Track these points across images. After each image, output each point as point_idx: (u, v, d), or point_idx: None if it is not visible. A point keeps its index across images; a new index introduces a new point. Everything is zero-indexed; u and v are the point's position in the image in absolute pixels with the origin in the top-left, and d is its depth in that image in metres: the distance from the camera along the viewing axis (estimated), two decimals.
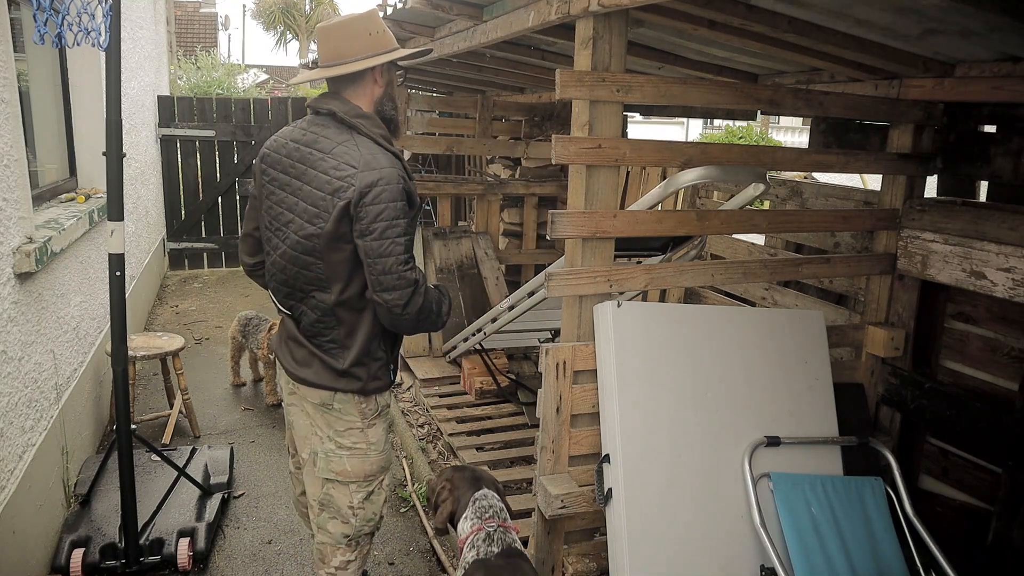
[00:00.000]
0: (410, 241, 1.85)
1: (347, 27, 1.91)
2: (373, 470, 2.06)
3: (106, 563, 2.65)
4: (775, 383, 2.29)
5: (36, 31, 2.26)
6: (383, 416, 2.08)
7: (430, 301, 1.90)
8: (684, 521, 2.07)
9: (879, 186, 2.68)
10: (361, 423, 2.02)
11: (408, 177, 1.88)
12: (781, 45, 2.30)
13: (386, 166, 1.82)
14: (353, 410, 2.00)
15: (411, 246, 1.86)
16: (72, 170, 4.26)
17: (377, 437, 2.06)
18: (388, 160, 1.85)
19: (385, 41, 1.94)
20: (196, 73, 12.30)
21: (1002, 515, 2.27)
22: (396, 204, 1.80)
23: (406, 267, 1.81)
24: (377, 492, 2.11)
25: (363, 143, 1.86)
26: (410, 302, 1.83)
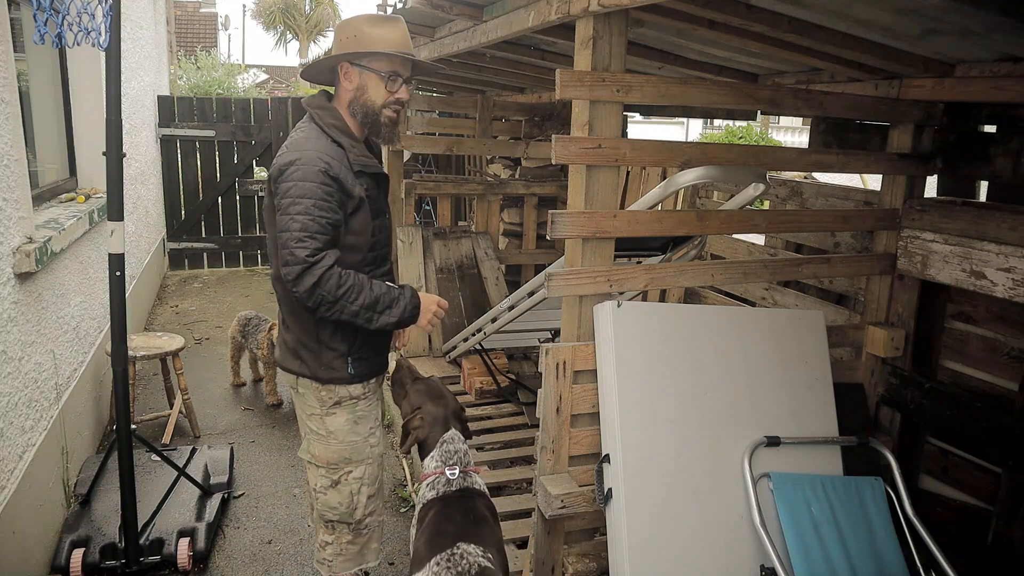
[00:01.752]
0: (315, 221, 1.86)
1: (336, 29, 2.04)
2: (335, 459, 2.12)
3: (106, 563, 2.65)
4: (775, 383, 2.28)
5: (36, 31, 2.26)
6: (346, 407, 2.10)
7: (328, 286, 1.86)
8: (684, 521, 2.07)
9: (879, 186, 2.68)
10: (320, 409, 2.10)
11: (347, 165, 1.94)
12: (781, 45, 2.30)
13: (309, 149, 1.91)
14: (311, 395, 2.10)
15: (316, 226, 1.86)
16: (72, 170, 4.26)
17: (336, 426, 2.10)
18: (316, 144, 1.93)
19: (355, 45, 1.97)
20: (196, 73, 12.30)
21: (1002, 515, 2.27)
22: (305, 184, 1.86)
23: (298, 244, 1.84)
24: (344, 483, 2.13)
25: (309, 129, 1.99)
26: (299, 279, 1.85)
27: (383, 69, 1.98)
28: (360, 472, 2.15)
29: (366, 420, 2.16)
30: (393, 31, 1.99)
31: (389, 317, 1.97)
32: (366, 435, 2.15)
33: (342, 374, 2.06)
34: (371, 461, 2.17)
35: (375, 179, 2.06)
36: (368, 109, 2.01)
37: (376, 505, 2.23)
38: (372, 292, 1.94)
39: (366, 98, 2.00)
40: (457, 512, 1.94)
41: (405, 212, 4.90)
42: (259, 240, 7.82)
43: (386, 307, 1.97)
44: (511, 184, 5.22)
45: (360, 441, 2.14)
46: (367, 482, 2.17)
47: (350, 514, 2.16)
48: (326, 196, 1.88)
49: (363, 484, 2.16)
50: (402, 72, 2.02)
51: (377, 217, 2.06)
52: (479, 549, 1.82)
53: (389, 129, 2.06)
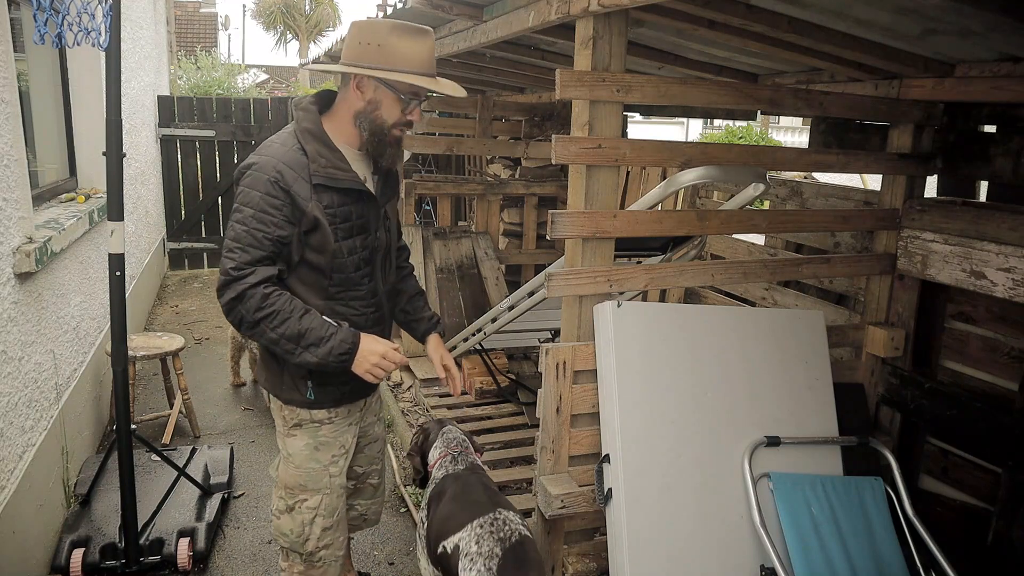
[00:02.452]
0: (250, 233, 1.75)
1: (350, 30, 1.86)
2: (291, 483, 2.01)
3: (106, 563, 2.65)
4: (775, 383, 2.28)
5: (36, 31, 2.26)
6: (307, 430, 1.98)
7: (248, 305, 1.72)
8: (684, 521, 2.07)
9: (879, 186, 2.68)
10: (282, 429, 2.01)
11: (304, 177, 1.78)
12: (781, 45, 2.30)
13: (268, 155, 1.79)
14: (276, 411, 2.02)
15: (250, 238, 1.75)
16: (72, 170, 4.26)
17: (295, 449, 1.99)
18: (279, 151, 1.80)
19: (376, 56, 1.77)
20: (196, 73, 12.30)
21: (1002, 515, 2.27)
22: (251, 192, 1.75)
23: (228, 254, 1.75)
24: (298, 510, 2.01)
25: (285, 132, 1.87)
26: (221, 291, 1.76)
27: (404, 91, 1.81)
28: (315, 502, 2.01)
29: (328, 447, 2.01)
30: (422, 47, 1.79)
31: (310, 355, 1.77)
32: (326, 464, 2.01)
33: (297, 397, 1.94)
34: (329, 492, 2.02)
35: (347, 194, 1.85)
36: (377, 127, 1.85)
37: (334, 539, 2.08)
38: (300, 323, 1.75)
39: (378, 115, 1.84)
40: (478, 484, 2.06)
41: (405, 212, 4.90)
42: None
43: (311, 343, 1.76)
44: (511, 184, 5.22)
45: (318, 469, 2.00)
46: (323, 513, 2.03)
47: (301, 544, 2.04)
48: (269, 208, 1.74)
49: (317, 515, 2.02)
50: (422, 95, 1.86)
51: (350, 236, 1.87)
52: (519, 517, 1.93)
53: (394, 150, 1.92)
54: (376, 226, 1.95)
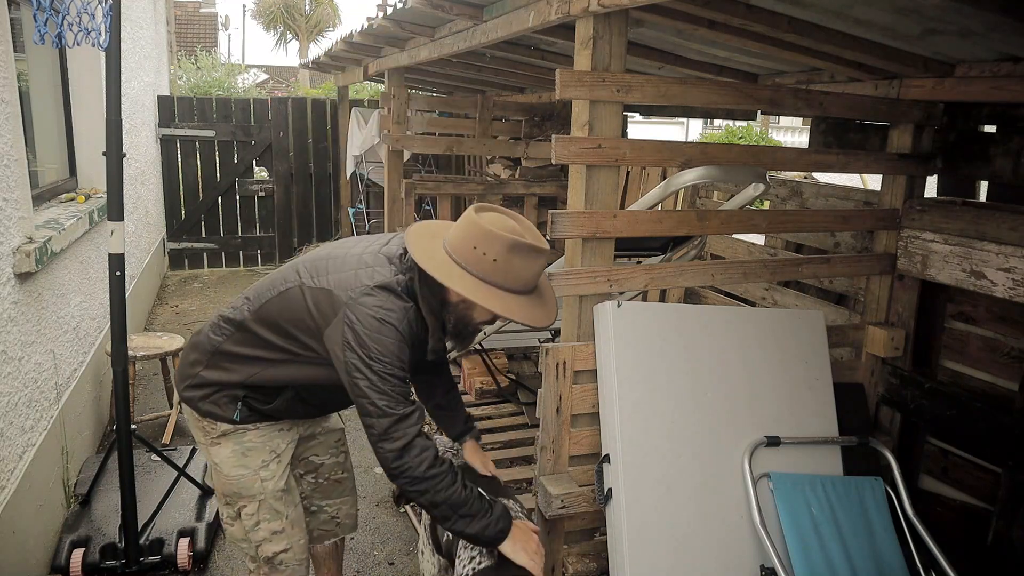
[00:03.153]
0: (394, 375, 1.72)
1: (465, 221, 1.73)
2: (227, 491, 1.95)
3: (106, 563, 2.65)
4: (775, 383, 2.28)
5: (36, 31, 2.26)
6: (230, 437, 1.91)
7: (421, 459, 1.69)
8: (684, 521, 2.07)
9: (879, 186, 2.68)
10: (204, 439, 1.95)
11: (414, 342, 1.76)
12: (781, 45, 2.30)
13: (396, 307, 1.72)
14: (193, 423, 1.96)
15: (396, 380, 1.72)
16: (72, 170, 4.26)
17: (220, 458, 1.93)
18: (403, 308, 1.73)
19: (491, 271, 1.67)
20: (196, 73, 12.30)
21: (1002, 515, 2.27)
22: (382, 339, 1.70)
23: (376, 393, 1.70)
24: (246, 517, 1.95)
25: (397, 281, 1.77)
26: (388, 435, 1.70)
27: (499, 312, 1.71)
28: (253, 508, 1.94)
29: (257, 452, 1.93)
30: (533, 266, 1.70)
31: (465, 526, 1.73)
32: (256, 468, 1.93)
33: (224, 415, 1.89)
34: (264, 497, 1.94)
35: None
36: (463, 322, 1.79)
37: (292, 542, 2.00)
38: (464, 492, 1.72)
39: (467, 313, 1.77)
40: (479, 477, 2.07)
41: (405, 212, 4.90)
42: (259, 240, 7.82)
43: (469, 515, 1.72)
44: (511, 184, 5.22)
45: (248, 475, 1.92)
46: (265, 518, 1.95)
47: (255, 549, 1.98)
48: (402, 355, 1.70)
49: (260, 520, 1.95)
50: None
51: None
52: (518, 506, 2.00)
53: (472, 338, 1.89)
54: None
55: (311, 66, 7.77)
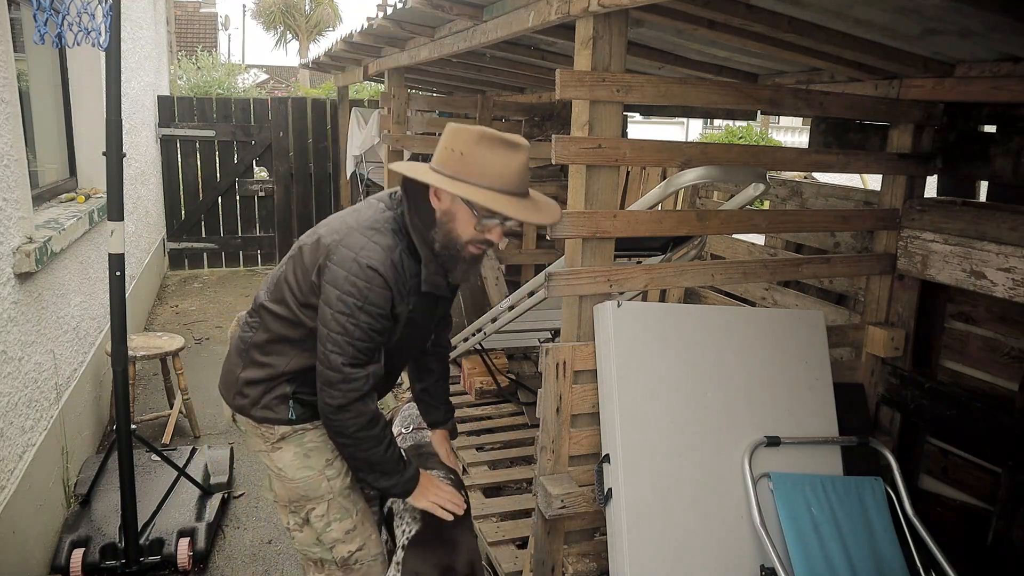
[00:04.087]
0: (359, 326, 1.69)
1: (447, 132, 1.72)
2: (293, 496, 1.94)
3: (106, 563, 2.65)
4: (775, 383, 2.28)
5: (36, 31, 2.26)
6: (291, 440, 1.89)
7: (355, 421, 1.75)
8: (684, 521, 2.06)
9: (879, 186, 2.68)
10: (264, 447, 1.92)
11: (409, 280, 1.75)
12: (781, 45, 2.30)
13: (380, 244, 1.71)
14: (252, 432, 1.93)
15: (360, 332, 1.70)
16: (72, 170, 4.26)
17: (284, 463, 1.90)
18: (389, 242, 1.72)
19: (458, 166, 1.65)
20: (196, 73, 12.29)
21: (1002, 515, 2.27)
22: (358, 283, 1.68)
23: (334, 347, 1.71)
24: (312, 523, 1.94)
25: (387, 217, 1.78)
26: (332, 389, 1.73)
27: (480, 208, 1.66)
28: (323, 509, 1.93)
29: (319, 452, 1.91)
30: (509, 160, 1.64)
31: (376, 480, 1.83)
32: (321, 468, 1.91)
33: (280, 417, 1.86)
34: (332, 496, 1.92)
35: (429, 296, 1.81)
36: (450, 241, 1.71)
37: (364, 539, 1.98)
38: (384, 454, 1.79)
39: (451, 227, 1.71)
40: (414, 453, 2.23)
41: None
42: (259, 240, 7.82)
43: (383, 473, 1.82)
44: None
45: (314, 476, 1.90)
46: (336, 518, 1.94)
47: (329, 552, 1.96)
48: (380, 302, 1.67)
49: (331, 521, 1.93)
50: (500, 215, 1.68)
51: (409, 327, 1.83)
52: (441, 468, 2.14)
53: (467, 267, 1.77)
54: (432, 322, 1.97)
55: (311, 66, 7.76)
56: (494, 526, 2.83)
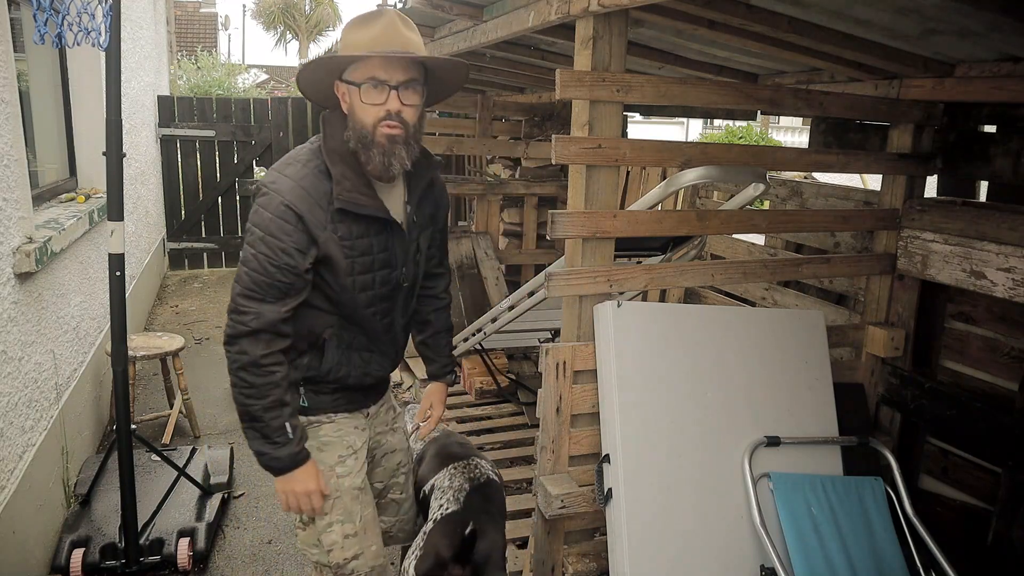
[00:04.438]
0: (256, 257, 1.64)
1: None
2: None
3: (106, 563, 2.65)
4: (775, 383, 2.28)
5: (36, 31, 2.26)
6: (308, 433, 1.81)
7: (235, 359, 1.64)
8: (684, 521, 2.07)
9: (879, 186, 2.68)
10: None
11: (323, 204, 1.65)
12: (781, 45, 2.30)
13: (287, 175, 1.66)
14: None
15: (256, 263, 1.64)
16: (72, 170, 4.26)
17: None
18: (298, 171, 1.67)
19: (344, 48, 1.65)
20: (196, 73, 12.30)
21: (1002, 515, 2.27)
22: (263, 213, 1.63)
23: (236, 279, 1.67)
24: (315, 522, 1.85)
25: (308, 148, 1.76)
26: (228, 319, 1.68)
27: (358, 78, 1.62)
28: (327, 507, 1.83)
29: (333, 447, 1.85)
30: (369, 30, 1.61)
31: (250, 439, 1.69)
32: (332, 464, 1.83)
33: (293, 403, 1.77)
34: (340, 495, 1.83)
35: (369, 224, 1.70)
36: (359, 132, 1.64)
37: (363, 547, 1.87)
38: (264, 412, 1.65)
39: (356, 119, 1.65)
40: (454, 443, 2.25)
41: None
42: None
43: (258, 434, 1.67)
44: (511, 184, 5.22)
45: (325, 472, 1.81)
46: (339, 519, 1.84)
47: (325, 555, 1.86)
48: (279, 233, 1.61)
49: (333, 522, 1.84)
50: (385, 76, 1.61)
51: (368, 272, 1.73)
52: (490, 464, 2.17)
53: (385, 152, 1.64)
54: (403, 261, 1.79)
55: None
56: None
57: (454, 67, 1.74)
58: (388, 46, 1.61)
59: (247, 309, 1.63)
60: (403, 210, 1.80)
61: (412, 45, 1.64)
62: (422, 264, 1.90)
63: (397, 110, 1.62)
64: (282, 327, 1.65)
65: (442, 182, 1.95)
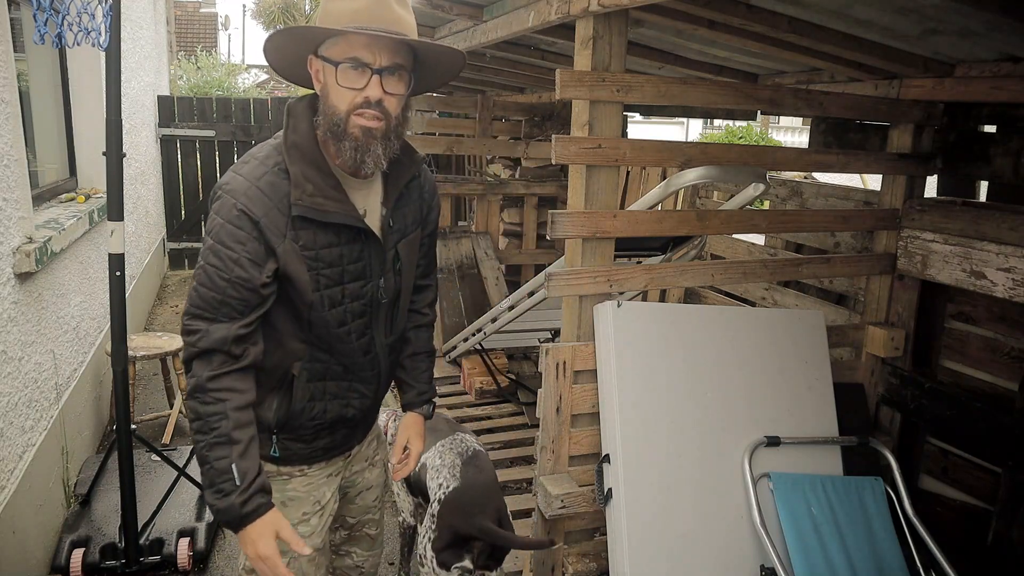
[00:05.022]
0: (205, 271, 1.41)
1: None
2: None
3: (106, 563, 2.65)
4: (775, 383, 2.28)
5: (36, 31, 2.26)
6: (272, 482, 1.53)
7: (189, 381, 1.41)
8: (684, 521, 2.07)
9: (879, 186, 2.68)
10: None
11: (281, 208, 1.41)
12: (781, 45, 2.30)
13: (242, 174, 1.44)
14: None
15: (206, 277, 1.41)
16: (72, 170, 4.26)
17: None
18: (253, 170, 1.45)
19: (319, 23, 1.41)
20: (196, 73, 12.29)
21: (1002, 515, 2.27)
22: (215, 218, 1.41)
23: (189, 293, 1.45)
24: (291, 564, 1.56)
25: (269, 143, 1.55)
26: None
27: (335, 56, 1.37)
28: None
29: (299, 504, 1.63)
30: (344, 3, 1.37)
31: (203, 476, 1.41)
32: (295, 522, 1.59)
33: (263, 452, 1.52)
34: (296, 556, 1.56)
35: (338, 232, 1.45)
36: (332, 119, 1.40)
37: None
38: (210, 450, 1.38)
39: (328, 103, 1.41)
40: (438, 419, 2.29)
41: None
42: None
43: (206, 476, 1.39)
44: (511, 184, 5.22)
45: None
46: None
47: None
48: (231, 242, 1.39)
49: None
50: (368, 58, 1.36)
51: (337, 285, 1.48)
52: (473, 437, 2.27)
53: (357, 146, 1.40)
54: (379, 272, 1.54)
55: None
56: None
57: (450, 56, 1.50)
58: (376, 22, 1.36)
59: (194, 328, 1.41)
60: (379, 213, 1.54)
61: (403, 24, 1.40)
62: (405, 275, 1.62)
63: (378, 98, 1.38)
64: (234, 348, 1.40)
65: (433, 182, 1.70)
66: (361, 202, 1.50)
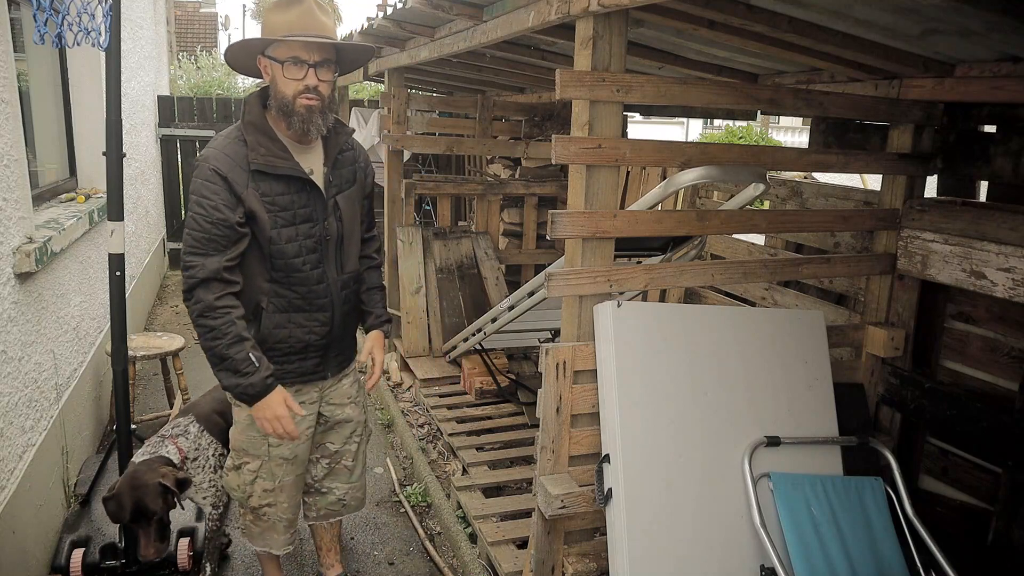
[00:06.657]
0: (194, 218, 1.94)
1: None
2: (236, 445, 2.23)
3: (106, 563, 2.65)
4: (775, 383, 2.28)
5: (36, 31, 2.26)
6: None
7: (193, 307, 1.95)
8: (684, 521, 2.07)
9: (879, 186, 2.68)
10: (230, 398, 2.17)
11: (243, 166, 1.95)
12: (781, 45, 2.30)
13: (212, 147, 1.99)
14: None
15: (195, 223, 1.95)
16: (72, 170, 4.26)
17: (239, 418, 2.19)
18: (220, 142, 1.99)
19: (263, 34, 1.97)
20: (196, 73, 12.28)
21: (1002, 515, 2.27)
22: (196, 181, 1.95)
23: (183, 240, 1.99)
24: (242, 471, 2.22)
25: (232, 125, 2.07)
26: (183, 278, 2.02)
27: (280, 56, 1.93)
28: (255, 466, 2.21)
29: None
30: (288, 13, 1.92)
31: (223, 378, 1.96)
32: (265, 435, 2.12)
33: None
34: (268, 459, 2.19)
35: (288, 183, 2.01)
36: (282, 104, 1.96)
37: (277, 501, 2.25)
38: (227, 350, 1.92)
39: (277, 90, 1.97)
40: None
41: (405, 212, 4.90)
42: None
43: (227, 370, 1.94)
44: (511, 184, 5.22)
45: (257, 438, 2.17)
46: (263, 476, 2.22)
47: (245, 499, 2.26)
48: (208, 193, 1.92)
49: (258, 477, 2.22)
50: (305, 56, 1.93)
51: (290, 225, 2.01)
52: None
53: (303, 119, 1.96)
54: (323, 216, 2.08)
55: None
56: (494, 526, 2.84)
57: (362, 50, 2.09)
58: (308, 30, 1.91)
59: (193, 263, 1.93)
60: (322, 171, 2.09)
61: (327, 30, 1.95)
62: (347, 222, 2.15)
63: (315, 85, 1.94)
64: (227, 275, 1.94)
65: (366, 154, 2.27)
66: (307, 163, 2.05)
